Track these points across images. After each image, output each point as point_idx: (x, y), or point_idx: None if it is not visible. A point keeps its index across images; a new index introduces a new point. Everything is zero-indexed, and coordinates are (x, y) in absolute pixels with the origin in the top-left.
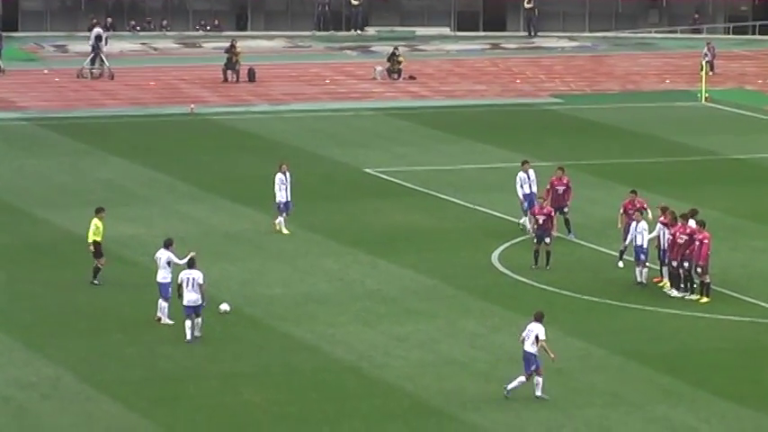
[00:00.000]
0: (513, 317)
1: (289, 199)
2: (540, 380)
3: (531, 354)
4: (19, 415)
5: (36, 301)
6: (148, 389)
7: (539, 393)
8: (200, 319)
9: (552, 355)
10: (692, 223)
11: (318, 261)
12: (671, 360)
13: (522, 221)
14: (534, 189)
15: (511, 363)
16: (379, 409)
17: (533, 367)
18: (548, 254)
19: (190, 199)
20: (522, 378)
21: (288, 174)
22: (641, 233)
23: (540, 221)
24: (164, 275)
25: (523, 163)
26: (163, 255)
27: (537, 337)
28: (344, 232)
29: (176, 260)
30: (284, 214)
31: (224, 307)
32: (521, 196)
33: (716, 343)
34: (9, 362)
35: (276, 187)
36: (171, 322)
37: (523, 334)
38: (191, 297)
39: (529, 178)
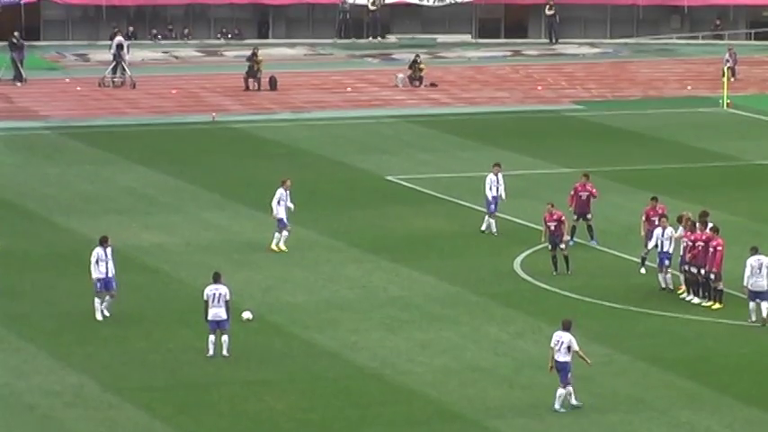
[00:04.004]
0: (535, 323)
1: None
2: (570, 389)
3: (566, 363)
4: (43, 423)
5: (59, 309)
6: (172, 396)
7: (574, 402)
8: (226, 337)
9: (589, 361)
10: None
11: (341, 268)
12: (694, 365)
13: (485, 227)
14: (502, 192)
15: (534, 369)
16: (403, 416)
17: (569, 375)
18: (566, 258)
19: (212, 206)
20: (562, 390)
21: (288, 191)
22: (667, 240)
23: (552, 228)
24: (95, 272)
25: (494, 165)
26: (97, 252)
27: (569, 348)
28: (367, 239)
29: (98, 259)
30: (284, 231)
31: (246, 315)
32: (489, 198)
33: (739, 348)
34: (33, 369)
35: (276, 202)
36: (100, 318)
37: (552, 344)
38: (216, 312)
39: (498, 181)
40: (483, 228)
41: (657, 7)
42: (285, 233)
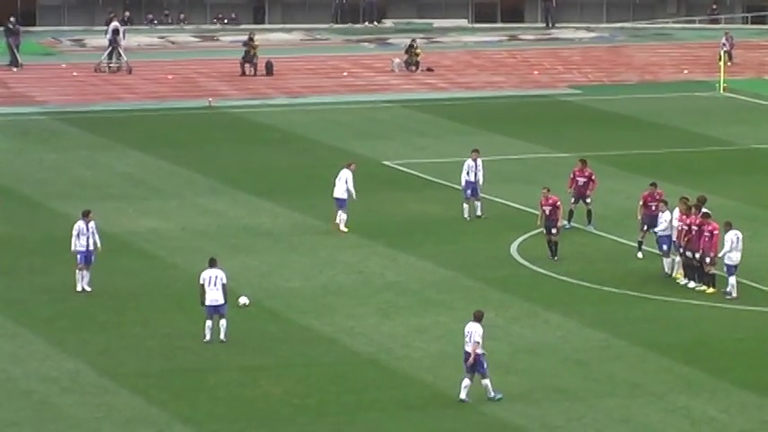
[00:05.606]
0: (532, 308)
1: (338, 196)
2: (486, 382)
3: (478, 354)
4: (39, 408)
5: (55, 295)
6: (168, 381)
7: (492, 395)
8: (224, 322)
9: (474, 354)
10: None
11: (337, 253)
12: (691, 350)
13: (467, 214)
14: (479, 178)
15: (530, 354)
16: (399, 401)
17: (485, 366)
18: (555, 244)
19: (209, 192)
20: (486, 381)
21: (352, 173)
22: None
23: (547, 212)
24: (76, 245)
25: (473, 152)
26: (78, 225)
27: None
28: (363, 224)
29: (80, 233)
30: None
31: (243, 300)
32: (464, 183)
33: (736, 333)
34: (29, 355)
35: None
36: (80, 290)
37: (465, 335)
38: (213, 296)
39: (476, 167)
40: (465, 215)
41: None
42: (344, 215)
